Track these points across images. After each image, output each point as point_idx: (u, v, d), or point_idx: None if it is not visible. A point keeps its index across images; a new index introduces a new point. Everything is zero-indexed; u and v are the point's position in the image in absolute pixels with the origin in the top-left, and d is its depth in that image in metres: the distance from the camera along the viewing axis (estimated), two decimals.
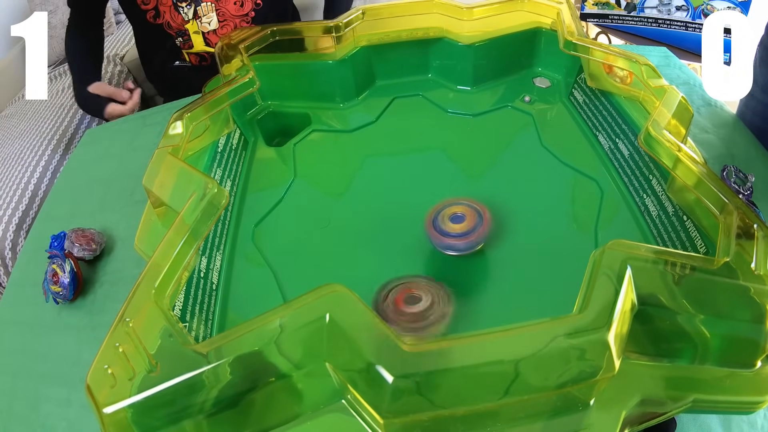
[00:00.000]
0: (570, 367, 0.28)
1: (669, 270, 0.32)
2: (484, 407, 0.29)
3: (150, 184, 0.44)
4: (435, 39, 0.66)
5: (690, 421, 0.39)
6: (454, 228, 0.47)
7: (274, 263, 0.50)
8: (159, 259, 0.35)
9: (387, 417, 0.28)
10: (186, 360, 0.29)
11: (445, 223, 0.47)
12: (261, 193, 0.58)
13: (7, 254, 1.13)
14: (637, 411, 0.30)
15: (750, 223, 0.35)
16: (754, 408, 0.32)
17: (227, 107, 0.56)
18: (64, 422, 0.45)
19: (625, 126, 0.54)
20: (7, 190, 1.23)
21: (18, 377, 0.50)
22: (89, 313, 0.54)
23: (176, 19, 0.85)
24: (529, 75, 0.69)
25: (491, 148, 0.61)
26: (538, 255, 0.49)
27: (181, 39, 0.88)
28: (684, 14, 1.39)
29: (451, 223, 0.47)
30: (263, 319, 0.30)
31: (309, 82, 0.66)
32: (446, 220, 0.47)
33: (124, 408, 0.28)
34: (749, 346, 0.32)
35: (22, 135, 1.41)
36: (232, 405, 0.30)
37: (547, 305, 0.44)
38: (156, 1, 0.84)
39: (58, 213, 0.68)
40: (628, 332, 0.30)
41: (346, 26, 0.64)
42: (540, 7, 0.64)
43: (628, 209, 0.51)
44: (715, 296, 0.32)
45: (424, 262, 0.49)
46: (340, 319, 0.29)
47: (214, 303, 0.46)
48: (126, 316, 0.31)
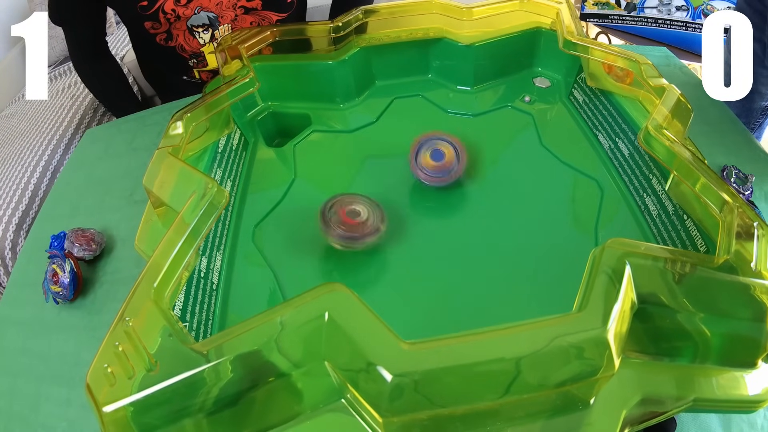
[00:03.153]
0: (570, 365, 0.28)
1: (669, 268, 0.32)
2: (484, 406, 0.29)
3: (150, 184, 0.44)
4: (435, 39, 0.66)
5: (690, 421, 0.39)
6: (434, 164, 0.50)
7: (274, 263, 0.50)
8: (159, 259, 0.35)
9: (386, 416, 0.28)
10: (186, 359, 0.29)
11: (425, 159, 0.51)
12: (261, 193, 0.58)
13: (7, 254, 1.13)
14: (637, 410, 0.30)
15: (750, 221, 0.34)
16: (754, 408, 0.32)
17: (227, 108, 0.56)
18: (64, 422, 0.45)
19: (625, 125, 0.54)
20: (7, 190, 1.23)
21: (18, 377, 0.50)
22: (89, 313, 0.54)
23: (191, 43, 0.81)
24: (529, 75, 0.69)
25: (491, 148, 0.61)
26: (538, 254, 0.49)
27: (195, 60, 0.84)
28: (684, 14, 1.40)
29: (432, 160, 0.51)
30: (263, 318, 0.30)
31: (309, 83, 0.66)
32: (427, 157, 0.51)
33: (124, 407, 0.28)
34: (750, 344, 0.32)
35: (22, 135, 1.41)
36: (231, 404, 0.30)
37: (547, 304, 0.44)
38: (168, 25, 0.77)
39: (58, 213, 0.68)
40: (628, 331, 0.30)
41: (346, 26, 0.64)
42: (540, 7, 0.64)
43: (628, 209, 0.51)
44: (715, 295, 0.32)
45: (423, 262, 0.49)
46: (340, 318, 0.29)
47: (214, 303, 0.46)
48: (126, 316, 0.31)
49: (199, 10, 0.76)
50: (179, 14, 0.75)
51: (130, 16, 0.76)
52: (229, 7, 0.77)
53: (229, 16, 0.79)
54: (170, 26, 0.77)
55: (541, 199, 0.54)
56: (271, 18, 0.82)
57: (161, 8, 0.73)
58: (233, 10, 0.78)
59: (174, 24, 0.77)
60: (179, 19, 0.76)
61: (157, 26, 0.76)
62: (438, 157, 0.52)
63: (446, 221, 0.54)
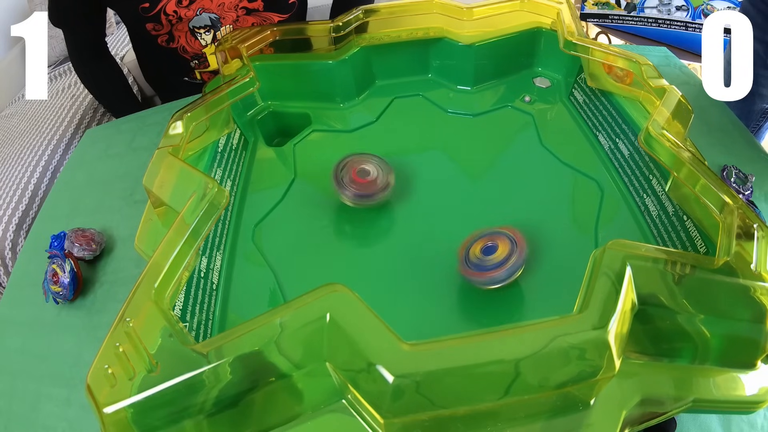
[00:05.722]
0: (570, 366, 0.28)
1: (669, 270, 0.32)
2: (485, 407, 0.29)
3: (150, 184, 0.44)
4: (435, 39, 0.66)
5: (690, 421, 0.39)
6: (489, 260, 0.43)
7: (274, 263, 0.50)
8: (159, 259, 0.35)
9: (387, 417, 0.28)
10: (186, 360, 0.29)
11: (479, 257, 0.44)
12: (261, 193, 0.58)
13: (7, 254, 1.13)
14: (637, 411, 0.30)
15: (750, 222, 0.35)
16: (754, 408, 0.32)
17: (227, 107, 0.56)
18: (64, 422, 0.45)
19: (625, 126, 0.54)
20: (7, 190, 1.23)
21: (18, 377, 0.50)
22: (89, 313, 0.54)
23: (193, 44, 0.80)
24: (529, 75, 0.69)
25: (491, 148, 0.61)
26: (538, 255, 0.49)
27: (196, 61, 0.84)
28: (684, 14, 1.40)
29: (484, 255, 0.44)
30: (263, 319, 0.30)
31: (309, 83, 0.66)
32: (479, 252, 0.44)
33: (125, 408, 0.28)
34: (749, 345, 0.32)
35: (22, 135, 1.41)
36: (232, 405, 0.30)
37: (547, 305, 0.44)
38: (170, 27, 0.76)
39: (58, 213, 0.68)
40: (629, 332, 0.30)
41: (346, 26, 0.64)
42: (540, 7, 0.64)
43: (628, 209, 0.51)
44: (715, 296, 0.32)
45: (422, 260, 0.49)
46: (341, 319, 0.29)
47: (214, 303, 0.46)
48: (126, 316, 0.31)
49: (200, 12, 0.76)
50: (181, 15, 0.74)
51: (131, 17, 0.75)
52: (230, 8, 0.77)
53: (231, 17, 0.79)
54: (172, 27, 0.77)
55: (541, 199, 0.54)
56: (273, 19, 0.82)
57: (163, 10, 0.73)
58: (235, 11, 0.78)
59: (176, 25, 0.76)
60: (181, 21, 0.75)
61: (158, 27, 0.76)
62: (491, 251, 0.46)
63: (446, 222, 0.54)
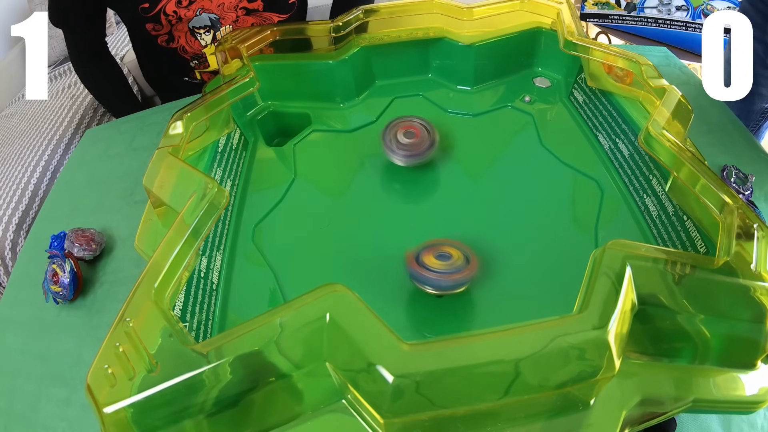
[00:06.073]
0: (570, 366, 0.28)
1: (669, 270, 0.32)
2: (485, 407, 0.29)
3: (150, 184, 0.44)
4: (435, 39, 0.66)
5: (690, 421, 0.39)
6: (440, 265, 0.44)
7: (274, 263, 0.50)
8: (159, 259, 0.35)
9: (387, 417, 0.28)
10: (186, 360, 0.29)
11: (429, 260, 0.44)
12: (261, 193, 0.58)
13: (7, 254, 1.13)
14: (637, 411, 0.30)
15: (750, 222, 0.35)
16: (754, 408, 0.32)
17: (227, 107, 0.56)
18: (64, 422, 0.46)
19: (625, 126, 0.54)
20: (7, 190, 1.23)
21: (18, 377, 0.50)
22: (89, 313, 0.54)
23: (193, 45, 0.80)
24: (529, 75, 0.69)
25: (491, 148, 0.61)
26: (538, 255, 0.49)
27: (196, 61, 0.84)
28: (684, 14, 1.40)
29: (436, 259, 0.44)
30: (263, 319, 0.30)
31: (309, 82, 0.66)
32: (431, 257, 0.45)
33: (125, 408, 0.28)
34: (749, 345, 0.32)
35: (22, 135, 1.41)
36: (232, 405, 0.30)
37: (547, 305, 0.44)
38: (170, 27, 0.76)
39: (58, 213, 0.68)
40: (629, 332, 0.30)
41: (346, 26, 0.64)
42: (540, 7, 0.64)
43: (628, 209, 0.51)
44: (715, 296, 0.32)
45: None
46: (341, 319, 0.29)
47: (214, 303, 0.46)
48: (126, 316, 0.31)
49: (200, 12, 0.76)
50: (181, 16, 0.74)
51: (131, 17, 0.75)
52: (230, 8, 0.77)
53: (231, 17, 0.79)
54: (172, 28, 0.77)
55: (541, 199, 0.54)
56: (273, 19, 0.82)
57: (163, 10, 0.73)
58: (235, 12, 0.78)
59: (175, 25, 0.76)
60: (181, 21, 0.75)
61: (158, 28, 0.76)
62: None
63: (446, 223, 0.54)
